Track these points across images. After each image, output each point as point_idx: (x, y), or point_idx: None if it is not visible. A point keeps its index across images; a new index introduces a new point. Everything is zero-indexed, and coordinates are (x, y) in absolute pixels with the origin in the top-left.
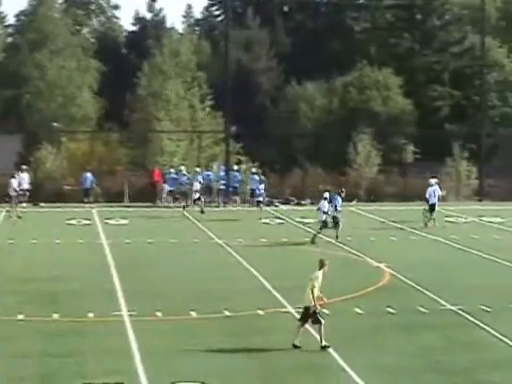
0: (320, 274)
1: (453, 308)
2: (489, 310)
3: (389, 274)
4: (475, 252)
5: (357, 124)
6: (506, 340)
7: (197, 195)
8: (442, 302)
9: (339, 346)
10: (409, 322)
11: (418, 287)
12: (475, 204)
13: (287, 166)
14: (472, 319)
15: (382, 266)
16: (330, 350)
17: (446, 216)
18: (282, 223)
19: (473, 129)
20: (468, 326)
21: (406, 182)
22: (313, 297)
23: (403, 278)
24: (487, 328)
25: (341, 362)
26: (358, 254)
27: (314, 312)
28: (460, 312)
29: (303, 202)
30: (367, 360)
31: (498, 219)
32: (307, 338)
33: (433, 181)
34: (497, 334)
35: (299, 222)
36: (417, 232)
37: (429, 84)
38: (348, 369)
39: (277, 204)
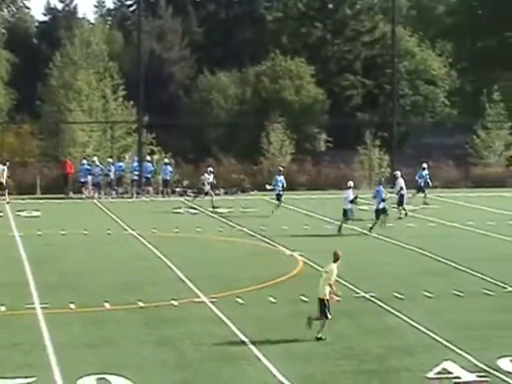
0: (335, 266)
1: (366, 295)
2: (401, 296)
3: (302, 263)
4: (389, 240)
5: (269, 113)
6: (417, 326)
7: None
8: (356, 290)
9: (253, 334)
10: None
11: None
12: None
13: (200, 156)
14: (385, 306)
15: (295, 254)
16: (245, 339)
17: (359, 204)
18: (196, 213)
19: (384, 117)
20: (381, 313)
21: (318, 171)
22: (328, 289)
23: (316, 266)
24: (399, 315)
25: (255, 350)
26: (272, 242)
27: (325, 302)
28: (373, 299)
29: (217, 192)
30: (281, 348)
31: (411, 206)
32: (221, 327)
33: (398, 172)
34: (409, 321)
35: (213, 212)
36: (330, 220)
37: (341, 73)
38: (262, 357)
39: (190, 194)
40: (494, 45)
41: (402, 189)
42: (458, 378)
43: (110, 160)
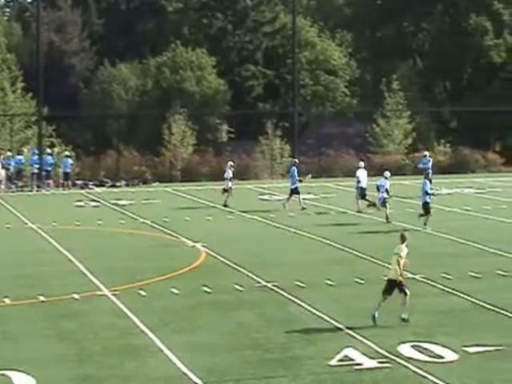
0: (404, 247)
1: (268, 285)
2: (304, 285)
3: (205, 254)
4: (290, 229)
5: (171, 104)
6: (320, 314)
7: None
8: (258, 279)
9: (156, 326)
10: (225, 300)
11: (234, 265)
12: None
13: (102, 148)
14: (287, 295)
15: (197, 245)
16: (148, 331)
17: (260, 194)
18: (97, 206)
19: (285, 107)
20: (283, 302)
21: (220, 162)
22: (400, 269)
23: (219, 257)
24: (302, 303)
25: (158, 342)
26: (174, 234)
27: (401, 283)
28: (275, 288)
29: (118, 184)
30: (184, 339)
31: (311, 196)
32: (123, 320)
33: (361, 163)
34: (311, 309)
35: (114, 204)
36: (233, 211)
37: (242, 64)
38: (165, 349)
39: (91, 186)
40: (393, 35)
41: (359, 182)
42: (360, 364)
43: (9, 153)
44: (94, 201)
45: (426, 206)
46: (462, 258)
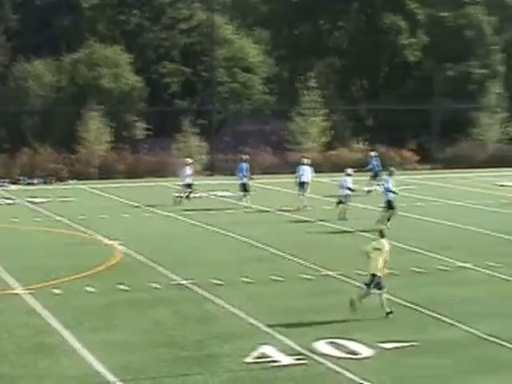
0: (385, 241)
1: (185, 283)
2: (221, 283)
3: (121, 252)
4: (208, 227)
5: (87, 101)
6: (237, 312)
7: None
8: (175, 277)
9: (71, 325)
10: (141, 298)
11: (151, 263)
12: (206, 179)
13: (17, 146)
14: (204, 293)
15: (114, 243)
16: (62, 329)
17: (176, 192)
18: (12, 203)
19: (203, 104)
20: (200, 300)
21: (137, 159)
22: (383, 264)
23: (136, 255)
24: (219, 301)
25: (73, 341)
26: (91, 232)
27: (379, 278)
28: (192, 286)
29: (34, 182)
30: (99, 338)
31: (229, 193)
32: (37, 318)
33: (305, 160)
34: (228, 307)
35: (30, 202)
36: (150, 209)
37: (159, 61)
38: (80, 348)
39: (6, 184)
40: (310, 33)
41: (298, 177)
42: (277, 361)
43: None
44: (9, 198)
45: (389, 204)
46: None
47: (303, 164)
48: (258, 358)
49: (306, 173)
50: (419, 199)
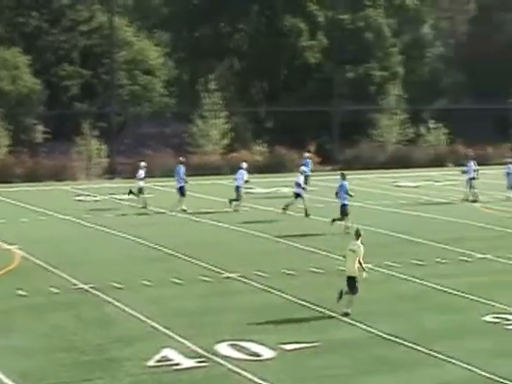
0: (359, 243)
1: (84, 286)
2: (120, 286)
3: (20, 257)
4: (107, 230)
5: None
6: (137, 315)
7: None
8: (74, 281)
9: None
10: (40, 303)
11: (50, 268)
12: (106, 182)
13: None
14: (104, 296)
15: (12, 248)
16: None
17: (77, 195)
18: None
19: (103, 107)
20: (100, 303)
21: (36, 163)
22: (358, 267)
23: (35, 260)
24: (119, 304)
25: None
26: None
27: (355, 281)
28: (91, 290)
29: None
30: None
31: (126, 196)
32: None
33: (243, 164)
34: (129, 310)
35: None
36: (49, 212)
37: (58, 63)
38: None
39: None
40: (210, 35)
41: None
42: (178, 364)
43: None
44: None
45: (344, 208)
46: (276, 255)
47: (241, 168)
48: (160, 361)
49: (241, 176)
50: (321, 200)
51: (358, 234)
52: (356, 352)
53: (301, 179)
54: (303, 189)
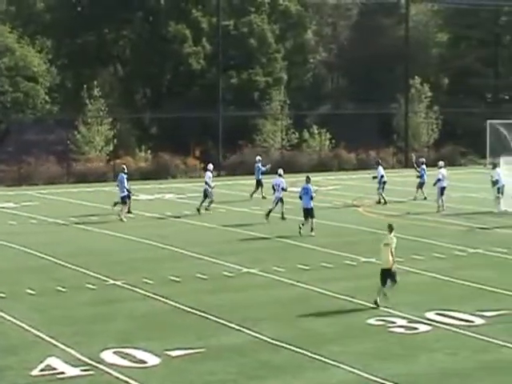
0: (393, 236)
1: None
2: (3, 295)
3: None
4: None
5: None
6: (21, 324)
7: None
8: None
9: None
10: None
11: None
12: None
13: None
14: None
15: None
16: None
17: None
18: None
19: None
20: None
21: None
22: (393, 259)
23: None
24: (2, 314)
25: None
26: None
27: (394, 272)
28: None
29: None
30: None
31: (11, 204)
32: None
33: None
34: (12, 319)
35: None
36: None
37: None
38: None
39: None
40: (94, 41)
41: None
42: (63, 373)
43: None
44: None
45: (310, 211)
46: (162, 262)
47: (208, 170)
48: (44, 370)
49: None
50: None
51: (390, 228)
52: (242, 357)
53: (283, 183)
54: (284, 189)
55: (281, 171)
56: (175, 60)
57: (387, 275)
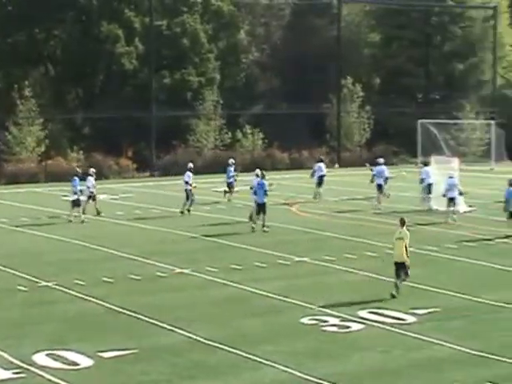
0: (405, 230)
1: None
2: None
3: None
4: None
5: None
6: None
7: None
8: None
9: None
10: None
11: None
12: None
13: None
14: None
15: None
16: None
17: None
18: None
19: None
20: None
21: None
22: (407, 253)
23: None
24: None
25: None
26: None
27: (407, 266)
28: None
29: None
30: None
31: None
32: None
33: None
34: None
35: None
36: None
37: None
38: None
39: None
40: (25, 41)
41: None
42: None
43: None
44: None
45: (262, 207)
46: (94, 263)
47: (189, 170)
48: None
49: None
50: (137, 207)
51: (402, 222)
52: (175, 358)
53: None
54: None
55: (258, 172)
56: (108, 60)
57: (401, 268)
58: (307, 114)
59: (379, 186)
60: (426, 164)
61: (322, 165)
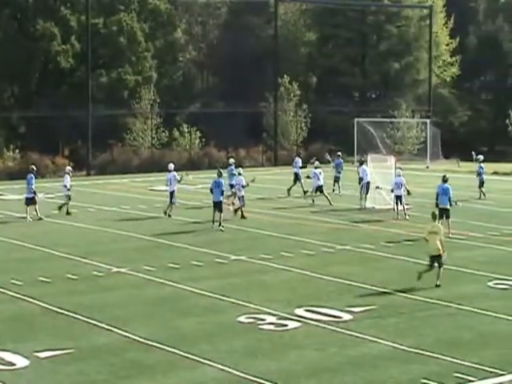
0: (439, 224)
1: None
2: None
3: None
4: None
5: None
6: None
7: None
8: None
9: None
10: None
11: None
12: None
13: None
14: None
15: None
16: None
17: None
18: None
19: None
20: None
21: None
22: (442, 246)
23: None
24: None
25: None
26: None
27: (440, 257)
28: None
29: None
30: None
31: None
32: None
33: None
34: None
35: None
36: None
37: None
38: None
39: None
40: None
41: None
42: None
43: None
44: None
45: (219, 205)
46: (31, 263)
47: (171, 171)
48: None
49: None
50: (73, 206)
51: (434, 216)
52: (112, 357)
53: (243, 180)
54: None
55: (240, 170)
56: (44, 58)
57: (436, 260)
58: (244, 113)
59: (337, 178)
60: (362, 163)
61: (299, 160)
